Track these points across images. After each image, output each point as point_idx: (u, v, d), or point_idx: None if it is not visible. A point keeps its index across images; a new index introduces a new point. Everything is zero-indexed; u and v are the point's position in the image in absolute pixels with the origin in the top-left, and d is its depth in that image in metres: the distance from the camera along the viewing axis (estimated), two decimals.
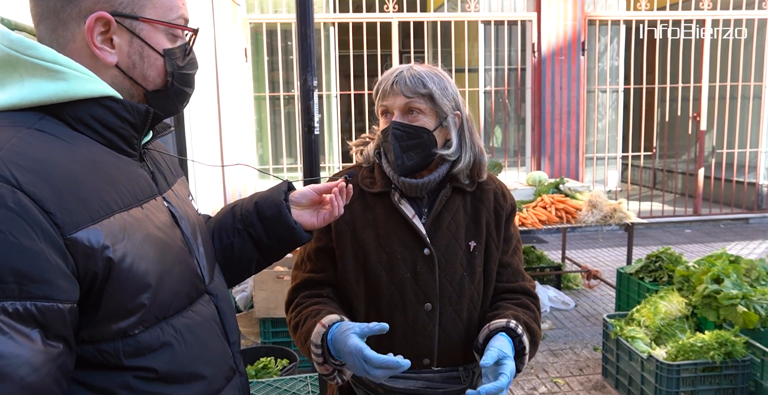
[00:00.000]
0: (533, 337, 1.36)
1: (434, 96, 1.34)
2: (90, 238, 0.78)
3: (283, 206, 1.17)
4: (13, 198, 0.72)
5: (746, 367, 2.79)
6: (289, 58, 6.82)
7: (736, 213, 7.49)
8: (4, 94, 0.83)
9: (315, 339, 1.23)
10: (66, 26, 0.86)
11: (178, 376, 0.89)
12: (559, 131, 7.04)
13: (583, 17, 6.90)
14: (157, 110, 0.94)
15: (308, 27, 2.76)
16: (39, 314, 0.73)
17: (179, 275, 0.92)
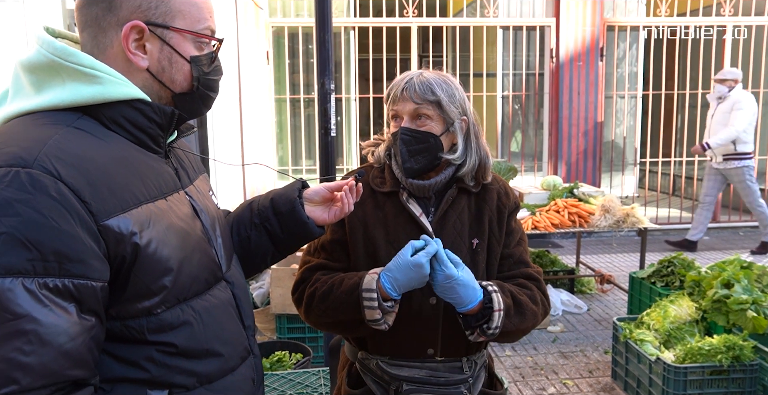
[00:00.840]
0: (518, 306, 1.41)
1: (442, 103, 1.41)
2: (120, 225, 0.87)
3: (296, 202, 1.26)
4: (55, 188, 0.82)
5: (754, 371, 2.81)
6: (309, 61, 6.94)
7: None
8: (47, 95, 0.93)
9: (368, 285, 1.34)
10: (105, 33, 0.96)
11: (196, 352, 0.98)
12: (577, 137, 7.05)
13: (601, 23, 6.92)
14: (183, 112, 1.03)
15: (327, 32, 2.86)
16: (75, 290, 0.82)
17: (198, 262, 1.01)
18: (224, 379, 1.03)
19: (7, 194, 0.79)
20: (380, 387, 1.47)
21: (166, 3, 0.97)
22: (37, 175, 0.82)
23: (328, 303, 1.41)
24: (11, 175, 0.81)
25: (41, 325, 0.78)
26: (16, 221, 0.79)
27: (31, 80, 0.95)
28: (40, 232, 0.80)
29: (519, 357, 3.82)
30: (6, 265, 0.78)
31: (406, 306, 1.44)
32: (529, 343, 4.04)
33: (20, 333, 0.77)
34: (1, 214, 0.79)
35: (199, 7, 1.01)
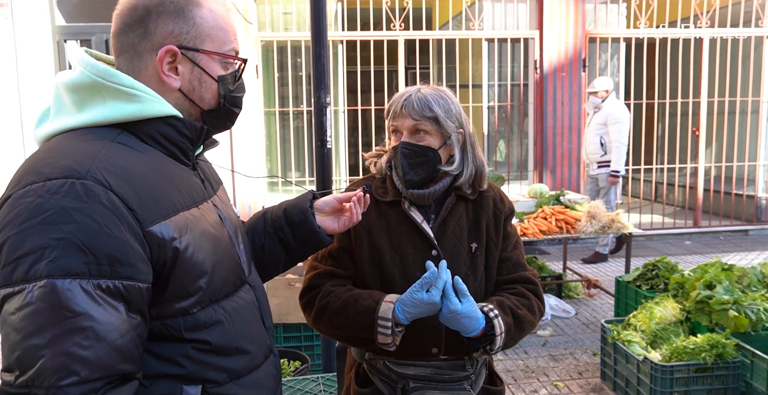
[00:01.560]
0: (518, 321, 1.51)
1: (439, 119, 1.51)
2: (162, 231, 0.96)
3: (308, 212, 1.35)
4: (107, 197, 0.91)
5: (737, 368, 2.93)
6: (298, 74, 7.04)
7: (735, 225, 7.63)
8: (89, 113, 1.02)
9: (384, 314, 1.42)
10: (141, 57, 1.05)
11: (226, 349, 1.06)
12: (561, 145, 7.22)
13: (584, 35, 7.12)
14: (210, 127, 1.12)
15: (322, 47, 2.95)
16: (125, 290, 0.91)
17: (228, 266, 1.10)
18: (251, 375, 1.11)
19: (65, 202, 0.88)
20: (388, 386, 1.55)
21: (197, 28, 1.06)
22: (90, 185, 0.90)
23: (341, 319, 1.50)
24: (67, 186, 0.89)
25: (97, 322, 0.86)
26: (74, 227, 0.87)
27: (73, 99, 1.03)
28: (95, 237, 0.88)
29: (510, 361, 3.92)
30: (66, 267, 0.85)
31: None
32: (519, 347, 4.13)
33: (79, 330, 0.85)
34: (60, 221, 0.87)
35: (225, 31, 1.10)
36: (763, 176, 7.69)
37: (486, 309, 1.46)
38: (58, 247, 0.86)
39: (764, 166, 7.68)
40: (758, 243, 7.18)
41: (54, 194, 0.88)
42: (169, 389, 1.00)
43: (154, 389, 0.99)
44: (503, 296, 1.56)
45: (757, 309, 3.13)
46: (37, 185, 0.90)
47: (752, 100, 7.50)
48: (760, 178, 7.68)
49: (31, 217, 0.87)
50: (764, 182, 7.70)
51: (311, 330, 3.65)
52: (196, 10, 1.06)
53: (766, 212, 7.70)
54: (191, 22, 1.05)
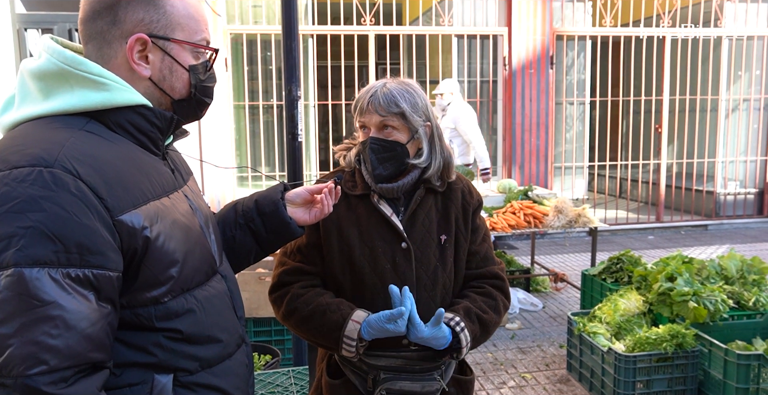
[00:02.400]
0: (484, 326, 1.56)
1: (405, 114, 1.52)
2: (132, 220, 0.95)
3: (280, 203, 1.35)
4: (75, 186, 0.90)
5: (695, 357, 3.03)
6: (268, 68, 6.98)
7: (695, 220, 7.86)
8: (56, 101, 1.00)
9: (350, 334, 1.46)
10: (110, 45, 1.04)
11: (199, 338, 1.06)
12: (529, 141, 7.32)
13: (551, 32, 7.22)
14: (181, 117, 1.12)
15: (293, 40, 2.93)
16: (95, 279, 0.90)
17: (199, 255, 1.09)
18: (223, 364, 1.11)
19: (32, 191, 0.86)
20: (359, 377, 1.57)
21: (167, 17, 1.05)
22: (58, 174, 0.89)
23: (308, 327, 1.52)
24: (35, 174, 0.88)
25: (66, 311, 0.85)
26: (42, 216, 0.86)
27: (39, 87, 1.01)
28: (64, 226, 0.87)
29: (479, 354, 3.98)
30: (33, 256, 0.85)
31: (381, 300, 1.54)
32: (488, 340, 4.19)
33: (48, 318, 0.84)
34: (28, 209, 0.85)
35: (196, 20, 1.09)
36: (722, 172, 7.94)
37: (452, 323, 1.50)
38: (25, 235, 0.85)
39: (722, 163, 7.93)
40: (717, 237, 7.42)
41: (21, 182, 0.87)
42: (140, 377, 0.99)
43: (124, 377, 0.98)
44: (470, 298, 1.60)
45: (715, 300, 3.24)
46: (3, 173, 0.88)
47: (711, 98, 7.74)
48: (719, 174, 7.93)
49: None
50: (723, 178, 7.95)
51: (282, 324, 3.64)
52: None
53: (724, 207, 7.96)
54: (162, 11, 1.04)
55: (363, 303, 1.55)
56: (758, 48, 7.78)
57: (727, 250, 4.75)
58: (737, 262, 3.70)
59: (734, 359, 2.86)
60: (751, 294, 3.42)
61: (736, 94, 7.86)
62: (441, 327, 1.46)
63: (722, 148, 7.88)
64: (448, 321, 1.50)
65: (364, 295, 1.56)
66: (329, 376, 1.61)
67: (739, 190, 7.98)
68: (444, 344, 1.49)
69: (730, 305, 3.29)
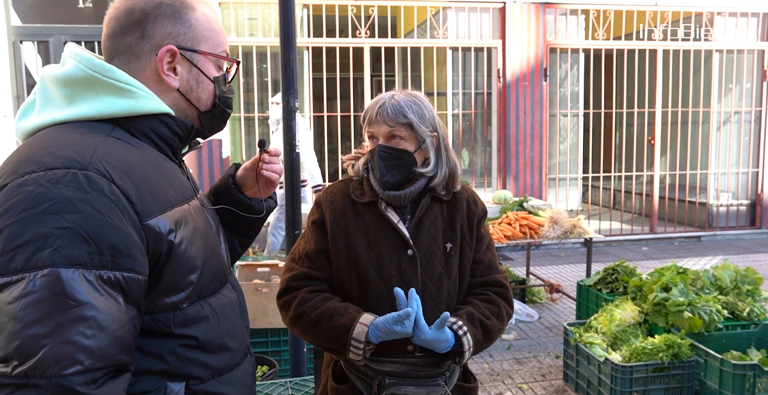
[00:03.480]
0: (487, 332, 1.57)
1: (413, 124, 1.57)
2: (159, 225, 0.97)
3: (232, 189, 1.35)
4: (109, 189, 0.91)
5: (691, 367, 3.05)
6: (264, 80, 7.01)
7: (689, 231, 7.92)
8: (81, 107, 1.02)
9: (358, 336, 1.47)
10: (139, 59, 1.07)
11: (211, 346, 1.07)
12: (524, 153, 7.37)
13: (545, 45, 7.30)
14: (206, 128, 1.15)
15: (291, 52, 2.96)
16: (124, 282, 0.91)
17: (216, 262, 1.11)
18: (232, 372, 1.12)
19: (68, 192, 0.87)
20: (364, 382, 1.58)
21: (193, 29, 1.09)
22: (93, 176, 0.90)
23: (315, 331, 1.54)
24: (70, 175, 0.89)
25: (100, 312, 0.86)
26: (78, 217, 0.87)
27: (63, 93, 1.03)
28: (99, 228, 0.88)
29: (476, 364, 3.97)
30: (69, 257, 0.85)
31: (387, 306, 1.55)
32: (485, 351, 4.19)
33: (83, 319, 0.85)
34: (64, 210, 0.86)
35: (218, 33, 1.13)
36: (714, 184, 8.01)
37: (455, 327, 1.52)
38: (62, 236, 0.85)
39: (715, 174, 8.00)
40: (710, 249, 7.46)
41: (56, 183, 0.88)
42: (154, 385, 1.00)
43: (139, 385, 0.99)
44: (474, 304, 1.61)
45: (710, 310, 3.26)
46: (38, 175, 0.89)
47: (703, 111, 7.82)
48: (711, 186, 7.99)
49: (32, 206, 0.86)
50: (715, 189, 8.01)
51: (278, 335, 3.64)
52: (191, 13, 1.09)
53: (717, 219, 8.01)
54: (188, 24, 1.08)
55: (369, 307, 1.57)
56: (748, 61, 7.89)
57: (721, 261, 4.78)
58: (731, 272, 3.72)
59: (730, 369, 2.87)
60: (746, 305, 3.45)
61: (727, 107, 7.95)
62: (444, 330, 1.48)
63: (714, 160, 7.96)
64: (451, 324, 1.52)
65: (370, 301, 1.57)
66: (335, 382, 1.63)
67: (732, 201, 8.05)
68: (446, 347, 1.50)
69: (724, 315, 3.31)
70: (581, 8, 7.37)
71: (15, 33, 6.42)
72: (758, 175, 8.07)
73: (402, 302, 1.46)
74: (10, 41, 6.38)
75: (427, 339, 1.46)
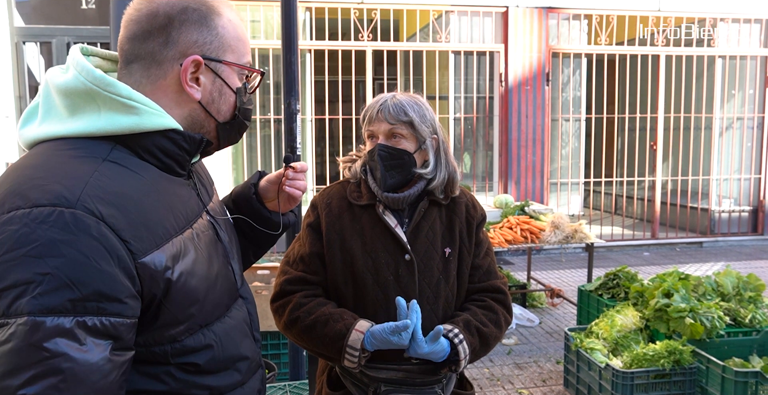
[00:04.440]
0: (484, 339, 1.55)
1: (414, 123, 1.55)
2: (155, 261, 0.91)
3: (253, 200, 1.31)
4: (97, 229, 0.85)
5: (693, 374, 3.02)
6: (265, 82, 7.01)
7: (690, 237, 7.89)
8: (81, 121, 0.95)
9: (354, 343, 1.45)
10: (160, 66, 1.00)
11: (215, 369, 1.03)
12: (525, 157, 7.36)
13: (547, 50, 7.30)
14: (223, 140, 1.09)
15: (293, 54, 2.96)
16: (112, 328, 0.85)
17: (221, 288, 1.06)
18: (234, 392, 1.08)
19: (52, 234, 0.82)
20: (359, 389, 1.56)
21: (219, 39, 1.02)
22: (80, 215, 0.84)
23: (310, 337, 1.51)
24: (55, 215, 0.83)
25: (77, 363, 0.81)
26: (61, 262, 0.82)
27: (65, 103, 0.97)
28: (83, 272, 0.83)
29: (476, 369, 3.95)
30: (48, 305, 0.80)
31: (383, 312, 1.53)
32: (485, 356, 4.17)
33: (57, 371, 0.80)
34: (46, 254, 0.82)
35: (244, 43, 1.07)
36: (716, 190, 7.99)
37: (451, 335, 1.49)
38: (42, 282, 0.80)
39: (717, 180, 7.98)
40: (712, 255, 7.44)
41: (41, 223, 0.82)
42: None
43: None
44: (471, 311, 1.59)
45: (712, 316, 3.24)
46: (23, 212, 0.84)
47: (705, 116, 7.81)
48: (713, 192, 7.97)
49: (15, 247, 0.82)
50: (717, 195, 7.99)
51: (278, 338, 3.62)
52: (218, 19, 1.03)
53: (719, 225, 7.99)
54: (214, 33, 1.02)
55: (365, 314, 1.55)
56: (751, 67, 7.88)
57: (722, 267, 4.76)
58: (733, 279, 3.70)
59: (732, 376, 2.85)
60: (748, 311, 3.42)
61: (730, 113, 7.94)
62: (439, 342, 1.46)
63: (716, 166, 7.94)
64: (447, 332, 1.50)
65: (366, 306, 1.55)
66: (330, 388, 1.61)
67: (734, 208, 8.03)
68: (442, 357, 1.48)
69: (726, 322, 3.28)
70: (584, 13, 7.37)
71: (18, 34, 6.43)
72: (760, 181, 8.04)
73: (402, 312, 1.44)
74: (12, 42, 6.39)
75: (422, 353, 1.45)
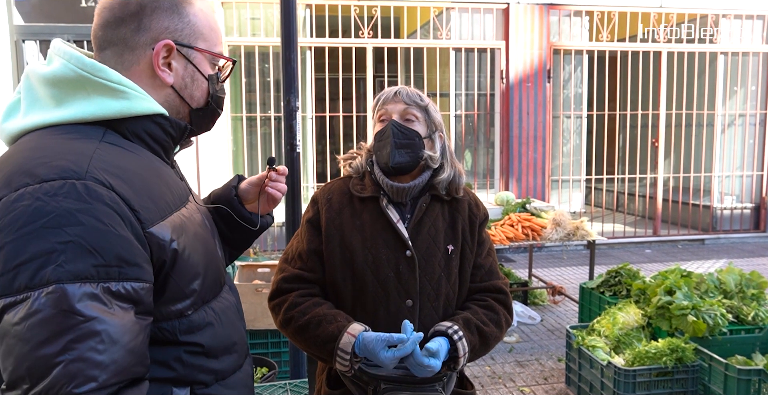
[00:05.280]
0: (483, 338, 1.53)
1: (429, 108, 1.59)
2: (161, 232, 0.93)
3: (234, 201, 1.33)
4: (110, 197, 0.87)
5: (695, 372, 3.01)
6: (266, 80, 7.00)
7: (692, 234, 7.87)
8: (71, 109, 0.97)
9: (345, 347, 1.43)
10: (133, 51, 1.02)
11: (216, 351, 1.05)
12: (526, 154, 7.34)
13: (548, 46, 7.27)
14: (196, 127, 1.12)
15: (292, 51, 2.94)
16: (134, 292, 0.87)
17: (215, 266, 1.09)
18: (234, 375, 1.10)
19: (67, 204, 0.83)
20: (359, 388, 1.54)
21: (191, 26, 1.06)
22: (91, 185, 0.86)
23: (303, 337, 1.50)
24: (67, 186, 0.85)
25: (110, 325, 0.83)
26: (80, 229, 0.83)
27: (51, 93, 0.98)
28: (103, 238, 0.84)
29: (477, 367, 3.94)
30: (75, 271, 0.82)
31: (383, 309, 1.52)
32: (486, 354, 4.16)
33: (93, 334, 0.81)
34: (65, 224, 0.83)
35: (216, 32, 1.11)
36: (718, 187, 7.96)
37: (450, 332, 1.48)
38: (65, 251, 0.82)
39: (719, 177, 7.95)
40: (714, 252, 7.42)
41: (54, 195, 0.84)
42: (159, 391, 0.97)
43: None
44: (472, 309, 1.57)
45: (714, 314, 3.22)
46: (33, 188, 0.84)
47: (708, 113, 7.78)
48: (715, 189, 7.94)
49: (30, 221, 0.82)
50: (719, 192, 7.97)
51: (278, 337, 3.61)
52: (189, 7, 1.06)
53: (721, 222, 7.96)
54: (186, 20, 1.05)
55: (365, 311, 1.54)
56: (753, 64, 7.85)
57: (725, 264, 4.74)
58: (736, 276, 3.68)
59: (735, 374, 2.84)
60: (750, 309, 3.41)
61: (732, 109, 7.91)
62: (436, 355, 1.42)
63: (718, 162, 7.91)
64: (446, 329, 1.48)
65: (366, 303, 1.54)
66: (329, 387, 1.60)
67: (736, 205, 8.00)
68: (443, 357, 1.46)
69: (729, 319, 3.27)
70: (585, 9, 7.34)
71: (17, 32, 6.41)
72: (763, 178, 8.02)
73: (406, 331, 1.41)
74: (12, 40, 6.37)
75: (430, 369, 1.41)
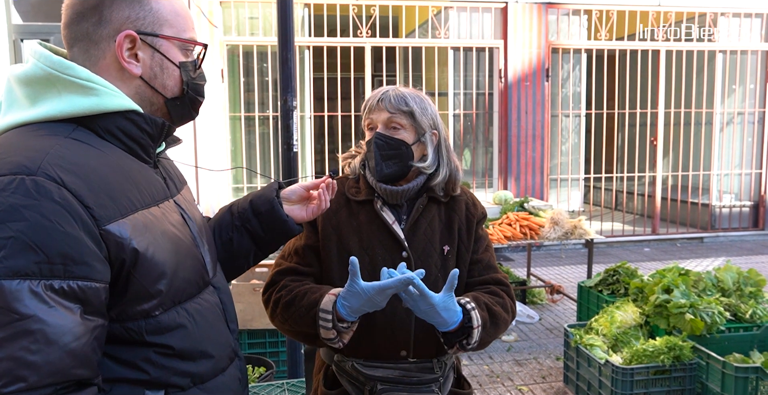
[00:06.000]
0: (493, 317, 1.49)
1: (414, 114, 1.53)
2: (120, 230, 0.92)
3: (275, 201, 1.33)
4: (59, 194, 0.86)
5: (693, 370, 3.01)
6: (264, 79, 6.99)
7: (691, 233, 7.87)
8: (43, 107, 0.97)
9: (326, 306, 1.38)
10: (97, 46, 1.01)
11: (190, 353, 1.03)
12: (525, 153, 7.34)
13: (547, 45, 7.27)
14: (175, 117, 1.10)
15: (289, 51, 2.94)
16: (80, 291, 0.86)
17: (191, 266, 1.07)
18: (215, 379, 1.08)
19: (14, 200, 0.83)
20: (355, 388, 1.54)
21: (154, 13, 1.03)
22: (41, 181, 0.85)
23: (290, 313, 1.47)
24: (16, 182, 0.85)
25: (47, 325, 0.81)
26: (23, 225, 0.82)
27: (26, 93, 0.99)
28: (46, 235, 0.83)
29: (476, 366, 3.94)
30: (13, 268, 0.81)
31: (380, 310, 1.51)
32: (484, 352, 4.16)
33: (27, 333, 0.80)
34: (9, 219, 0.82)
35: (183, 17, 1.08)
36: (717, 185, 7.96)
37: (463, 301, 1.45)
38: (6, 246, 0.81)
39: (717, 175, 7.96)
40: (712, 250, 7.42)
41: (1, 191, 0.84)
42: (130, 393, 0.96)
43: (114, 393, 0.95)
44: (477, 293, 1.55)
45: (712, 312, 3.22)
46: None
47: (706, 111, 7.78)
48: (714, 187, 7.95)
49: None
50: (718, 191, 7.97)
51: (276, 336, 3.61)
52: None
53: (719, 220, 7.96)
54: (147, 8, 1.03)
55: None
56: (752, 62, 7.85)
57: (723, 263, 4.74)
58: (734, 274, 3.68)
59: (732, 372, 2.84)
60: (748, 307, 3.41)
61: (731, 108, 7.91)
62: (452, 296, 1.38)
63: (717, 161, 7.91)
64: (458, 300, 1.44)
65: None
66: (326, 387, 1.59)
67: (734, 203, 8.00)
68: (455, 320, 1.40)
69: (726, 317, 3.27)
70: (584, 8, 7.33)
71: (16, 31, 6.41)
72: (761, 176, 8.02)
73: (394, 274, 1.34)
74: (10, 40, 6.36)
75: (434, 303, 1.34)
